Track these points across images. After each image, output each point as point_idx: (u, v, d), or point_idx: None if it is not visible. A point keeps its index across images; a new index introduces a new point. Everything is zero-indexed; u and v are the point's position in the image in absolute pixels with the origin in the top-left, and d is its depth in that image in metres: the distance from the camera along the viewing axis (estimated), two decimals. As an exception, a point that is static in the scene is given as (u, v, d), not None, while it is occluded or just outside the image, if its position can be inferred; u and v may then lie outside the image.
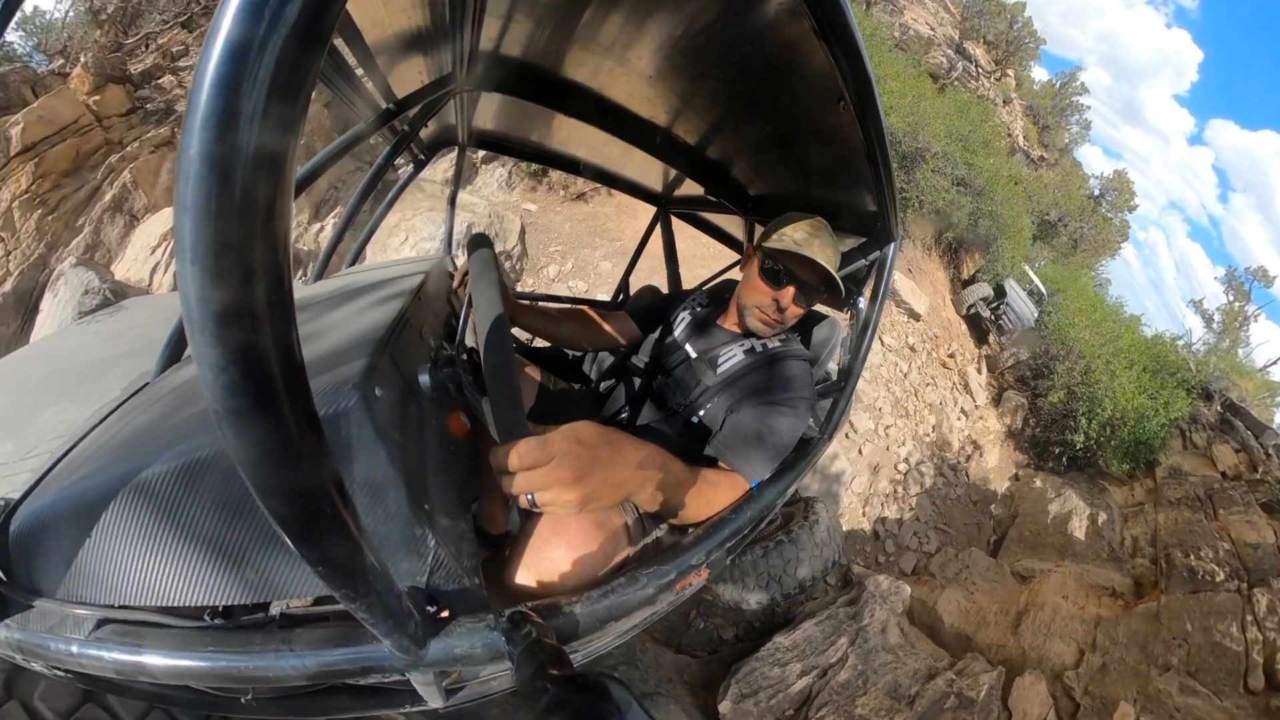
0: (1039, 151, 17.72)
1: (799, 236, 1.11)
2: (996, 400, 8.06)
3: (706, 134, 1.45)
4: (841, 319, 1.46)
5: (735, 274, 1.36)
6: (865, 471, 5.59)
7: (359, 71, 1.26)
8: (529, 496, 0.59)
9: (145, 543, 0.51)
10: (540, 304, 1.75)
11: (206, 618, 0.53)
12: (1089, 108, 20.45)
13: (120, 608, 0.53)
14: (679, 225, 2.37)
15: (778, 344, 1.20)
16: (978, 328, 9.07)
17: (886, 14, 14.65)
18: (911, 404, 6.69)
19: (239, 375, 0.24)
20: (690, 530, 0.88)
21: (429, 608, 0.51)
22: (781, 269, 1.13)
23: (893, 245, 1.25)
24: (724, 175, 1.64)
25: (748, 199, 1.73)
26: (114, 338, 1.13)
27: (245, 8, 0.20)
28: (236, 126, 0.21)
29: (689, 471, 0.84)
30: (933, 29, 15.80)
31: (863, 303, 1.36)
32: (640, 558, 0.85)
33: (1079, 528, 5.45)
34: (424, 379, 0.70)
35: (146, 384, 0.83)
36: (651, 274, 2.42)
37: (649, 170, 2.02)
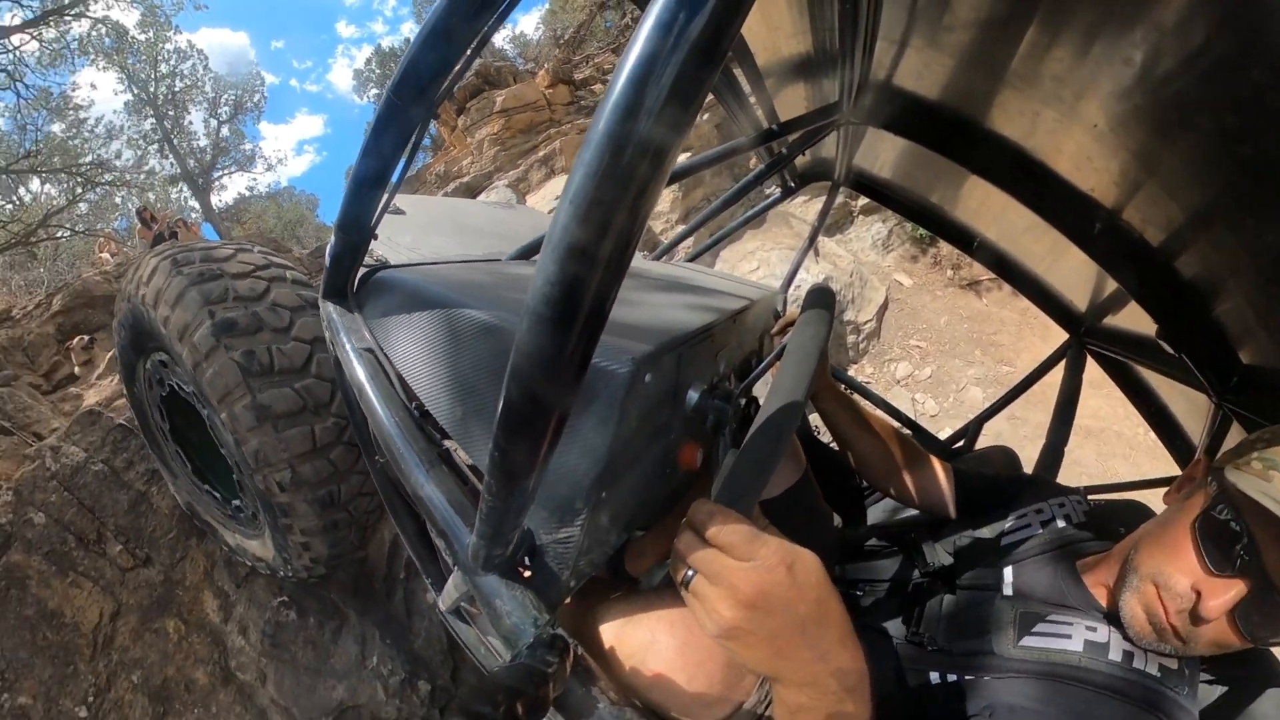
0: None
1: None
2: None
3: (1180, 231, 1.07)
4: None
5: (1156, 498, 0.95)
6: None
7: (748, 92, 1.52)
8: (689, 571, 0.56)
9: (426, 337, 0.83)
10: (857, 396, 1.66)
11: (413, 406, 0.85)
12: None
13: (383, 351, 0.93)
14: (1097, 373, 1.90)
15: (1153, 669, 0.80)
16: None
17: None
18: None
19: (558, 294, 0.37)
20: None
21: (524, 558, 0.63)
22: (1243, 536, 0.72)
23: None
24: (1196, 311, 1.18)
25: (1231, 367, 1.23)
26: (498, 223, 1.91)
27: (658, 25, 0.31)
28: (637, 116, 0.32)
29: None
30: None
31: None
32: None
33: None
34: (692, 395, 0.80)
35: (498, 260, 1.35)
36: (1034, 432, 1.99)
37: (1071, 274, 1.69)
